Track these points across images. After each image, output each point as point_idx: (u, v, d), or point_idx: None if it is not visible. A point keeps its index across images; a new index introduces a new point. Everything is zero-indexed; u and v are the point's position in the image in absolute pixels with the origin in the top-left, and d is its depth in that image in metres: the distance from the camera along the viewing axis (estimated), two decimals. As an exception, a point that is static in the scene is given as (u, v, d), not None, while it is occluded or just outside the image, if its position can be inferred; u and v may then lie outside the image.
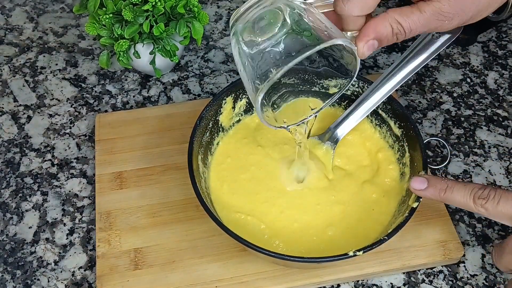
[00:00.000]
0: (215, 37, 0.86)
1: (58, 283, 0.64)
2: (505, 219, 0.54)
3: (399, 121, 0.65)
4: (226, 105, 0.67)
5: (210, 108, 0.65)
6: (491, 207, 0.53)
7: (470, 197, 0.54)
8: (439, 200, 0.57)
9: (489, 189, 0.54)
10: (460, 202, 0.55)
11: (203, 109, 0.64)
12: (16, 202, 0.70)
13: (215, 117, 0.66)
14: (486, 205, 0.54)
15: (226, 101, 0.67)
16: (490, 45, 0.84)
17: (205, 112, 0.64)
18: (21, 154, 0.74)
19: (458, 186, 0.55)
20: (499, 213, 0.53)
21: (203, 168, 0.64)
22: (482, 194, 0.54)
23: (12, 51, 0.85)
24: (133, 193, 0.68)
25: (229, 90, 0.66)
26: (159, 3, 0.69)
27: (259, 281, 0.61)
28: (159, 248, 0.64)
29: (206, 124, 0.65)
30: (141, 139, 0.73)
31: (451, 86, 0.80)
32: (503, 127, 0.76)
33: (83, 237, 0.67)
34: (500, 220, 0.55)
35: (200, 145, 0.64)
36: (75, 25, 0.88)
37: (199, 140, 0.63)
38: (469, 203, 0.54)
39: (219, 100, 0.66)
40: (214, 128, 0.67)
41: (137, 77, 0.82)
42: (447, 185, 0.56)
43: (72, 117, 0.78)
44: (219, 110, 0.66)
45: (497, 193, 0.54)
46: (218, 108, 0.66)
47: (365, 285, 0.63)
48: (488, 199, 0.54)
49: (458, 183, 0.56)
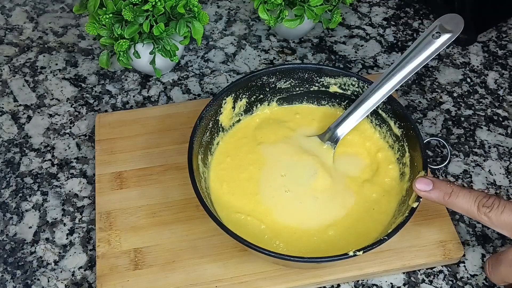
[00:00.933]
0: (215, 37, 0.86)
1: (58, 283, 0.64)
2: (506, 230, 0.54)
3: (399, 121, 0.65)
4: (226, 105, 0.67)
5: (210, 108, 0.65)
6: (495, 216, 0.53)
7: (474, 204, 0.54)
8: (442, 203, 0.57)
9: (494, 198, 0.54)
10: (463, 208, 0.55)
11: (203, 109, 0.64)
12: (16, 202, 0.70)
13: (215, 117, 0.66)
14: (489, 214, 0.54)
15: (226, 101, 0.67)
16: (490, 45, 0.84)
17: (205, 112, 0.64)
18: (21, 154, 0.74)
19: (463, 192, 0.55)
20: (502, 223, 0.54)
21: (203, 168, 0.64)
22: (486, 202, 0.54)
23: (12, 51, 0.85)
24: (133, 193, 0.68)
25: (229, 90, 0.66)
26: (159, 3, 0.69)
27: (259, 281, 0.61)
28: (159, 248, 0.64)
29: (206, 124, 0.65)
30: (141, 139, 0.73)
31: (451, 86, 0.80)
32: (503, 127, 0.76)
33: (83, 237, 0.67)
34: (501, 230, 0.55)
35: (200, 145, 0.64)
36: (75, 25, 0.88)
37: (199, 140, 0.63)
38: (473, 210, 0.54)
39: (219, 100, 0.66)
40: (214, 128, 0.67)
41: (137, 77, 0.82)
42: (452, 190, 0.56)
43: (72, 117, 0.78)
44: (219, 110, 0.66)
45: (501, 203, 0.54)
46: (218, 108, 0.66)
47: (365, 285, 0.63)
48: (492, 208, 0.54)
49: (463, 188, 0.56)
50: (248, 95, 0.68)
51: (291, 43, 0.85)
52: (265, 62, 0.83)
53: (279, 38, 0.86)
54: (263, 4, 0.75)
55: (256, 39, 0.86)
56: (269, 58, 0.83)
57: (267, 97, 0.70)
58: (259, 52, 0.84)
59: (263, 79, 0.68)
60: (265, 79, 0.68)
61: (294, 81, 0.69)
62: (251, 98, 0.69)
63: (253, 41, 0.86)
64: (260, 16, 0.76)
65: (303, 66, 0.68)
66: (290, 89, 0.70)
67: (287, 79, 0.69)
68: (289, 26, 0.76)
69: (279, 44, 0.85)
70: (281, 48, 0.85)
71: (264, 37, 0.86)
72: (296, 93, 0.70)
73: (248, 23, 0.88)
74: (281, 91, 0.70)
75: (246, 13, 0.89)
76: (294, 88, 0.70)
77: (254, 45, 0.85)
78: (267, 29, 0.87)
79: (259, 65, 0.83)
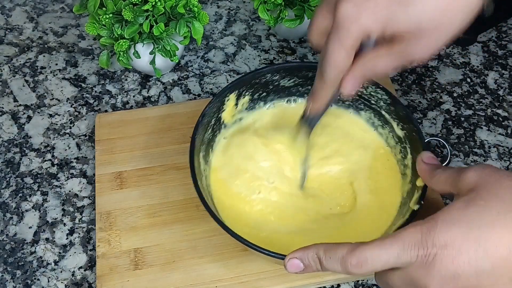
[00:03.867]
0: (215, 37, 0.86)
1: (58, 283, 0.64)
2: None
3: (402, 123, 0.65)
4: (229, 102, 0.66)
5: (213, 105, 0.64)
6: None
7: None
8: None
9: None
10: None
11: (206, 105, 0.63)
12: (16, 202, 0.70)
13: (217, 114, 0.66)
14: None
15: (229, 98, 0.66)
16: (490, 45, 0.84)
17: (208, 109, 0.64)
18: (21, 154, 0.74)
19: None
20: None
21: (204, 165, 0.64)
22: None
23: (12, 51, 0.85)
24: (133, 193, 0.68)
25: (233, 87, 0.66)
26: (159, 3, 0.69)
27: (259, 281, 0.61)
28: (159, 248, 0.64)
29: (209, 121, 0.65)
30: (141, 139, 0.73)
31: (451, 86, 0.80)
32: (503, 127, 0.76)
33: (83, 237, 0.67)
34: None
35: (201, 143, 0.63)
36: (75, 25, 0.88)
37: (201, 138, 0.63)
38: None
39: (222, 97, 0.65)
40: (216, 125, 0.66)
41: (137, 77, 0.82)
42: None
43: (72, 117, 0.78)
44: (221, 107, 0.66)
45: None
46: (221, 105, 0.66)
47: (365, 285, 0.63)
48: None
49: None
50: (251, 92, 0.68)
51: (291, 43, 0.85)
52: (265, 62, 0.83)
53: (279, 38, 0.86)
54: (263, 4, 0.75)
55: (256, 39, 0.86)
56: (269, 58, 0.83)
57: (270, 95, 0.70)
58: (259, 52, 0.84)
59: (267, 76, 0.67)
60: (269, 77, 0.68)
61: (298, 79, 0.69)
62: (254, 95, 0.69)
63: (253, 41, 0.86)
64: (260, 16, 0.76)
65: (308, 65, 0.68)
66: (293, 87, 0.69)
67: (291, 77, 0.68)
68: (289, 26, 0.76)
69: (279, 44, 0.85)
70: (281, 48, 0.85)
71: (264, 37, 0.86)
72: (300, 91, 0.70)
73: (248, 23, 0.88)
74: (285, 89, 0.70)
75: (246, 13, 0.89)
76: (298, 87, 0.69)
77: (254, 45, 0.85)
78: (267, 29, 0.87)
79: (259, 65, 0.83)
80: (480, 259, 0.41)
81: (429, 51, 0.46)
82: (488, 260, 0.41)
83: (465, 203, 0.44)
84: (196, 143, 0.61)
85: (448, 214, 0.43)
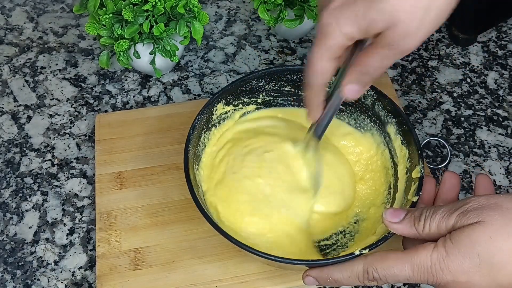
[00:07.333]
0: (215, 37, 0.86)
1: (58, 283, 0.64)
2: None
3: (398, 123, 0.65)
4: (217, 112, 0.65)
5: (202, 116, 0.63)
6: None
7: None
8: None
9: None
10: None
11: (195, 117, 0.62)
12: (16, 202, 0.70)
13: (207, 125, 0.65)
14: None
15: (217, 108, 0.65)
16: (490, 45, 0.85)
17: (197, 121, 0.62)
18: (21, 154, 0.74)
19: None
20: None
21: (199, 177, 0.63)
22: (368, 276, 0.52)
23: (12, 51, 0.85)
24: (133, 193, 0.68)
25: (219, 97, 0.65)
26: (159, 3, 0.69)
27: (259, 281, 0.61)
28: (159, 248, 0.64)
29: (199, 132, 0.64)
30: (141, 139, 0.73)
31: (451, 86, 0.80)
32: (503, 127, 0.76)
33: (83, 237, 0.67)
34: None
35: (194, 154, 0.62)
36: (75, 25, 0.88)
37: (193, 150, 0.62)
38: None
39: (209, 108, 0.64)
40: (206, 135, 0.65)
41: (137, 77, 0.82)
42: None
43: (72, 117, 0.78)
44: (210, 118, 0.65)
45: None
46: (210, 116, 0.65)
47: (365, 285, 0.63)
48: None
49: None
50: (238, 100, 0.67)
51: (291, 43, 0.85)
52: (265, 62, 0.83)
53: (279, 38, 0.86)
54: (263, 4, 0.75)
55: (256, 39, 0.86)
56: (269, 58, 0.83)
57: (257, 101, 0.69)
58: (259, 52, 0.84)
59: (252, 83, 0.66)
60: (254, 83, 0.67)
61: (284, 83, 0.68)
62: (240, 103, 0.68)
63: (253, 41, 0.86)
64: (260, 16, 0.76)
65: (291, 68, 0.67)
66: (279, 91, 0.68)
67: (276, 81, 0.67)
68: (289, 26, 0.76)
69: (279, 44, 0.85)
70: (281, 48, 0.85)
71: (264, 37, 0.86)
72: (286, 96, 0.69)
73: (248, 23, 0.88)
74: (271, 94, 0.69)
75: (246, 13, 0.89)
76: (284, 91, 0.68)
77: (254, 45, 0.85)
78: (267, 29, 0.87)
79: (259, 65, 0.83)
80: None
81: (414, 39, 0.46)
82: None
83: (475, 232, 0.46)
84: (190, 156, 0.60)
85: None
